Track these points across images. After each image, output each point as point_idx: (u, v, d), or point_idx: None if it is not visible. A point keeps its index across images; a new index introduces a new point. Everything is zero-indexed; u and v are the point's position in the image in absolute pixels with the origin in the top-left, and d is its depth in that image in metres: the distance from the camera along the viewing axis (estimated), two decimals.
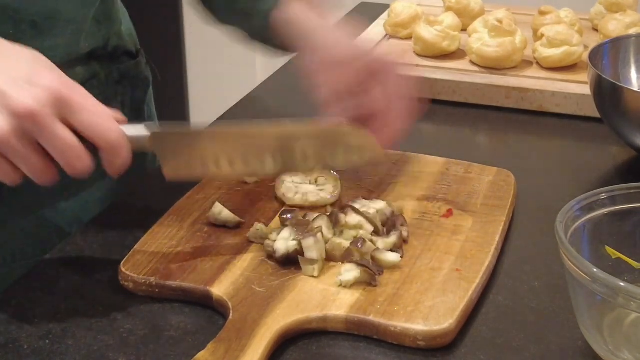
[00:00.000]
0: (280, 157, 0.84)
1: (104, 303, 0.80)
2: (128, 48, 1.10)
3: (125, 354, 0.74)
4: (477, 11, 1.43)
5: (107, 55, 1.05)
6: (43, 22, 0.93)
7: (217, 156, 0.82)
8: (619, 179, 1.02)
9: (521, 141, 1.16)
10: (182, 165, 0.82)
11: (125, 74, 1.09)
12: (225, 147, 0.82)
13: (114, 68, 1.07)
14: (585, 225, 0.77)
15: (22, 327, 0.77)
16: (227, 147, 0.82)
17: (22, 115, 0.71)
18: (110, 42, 1.05)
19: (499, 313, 0.79)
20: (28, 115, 0.71)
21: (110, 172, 0.78)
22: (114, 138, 0.75)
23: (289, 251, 0.82)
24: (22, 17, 0.91)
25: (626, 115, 1.02)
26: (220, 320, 0.77)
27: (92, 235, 0.91)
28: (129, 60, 1.10)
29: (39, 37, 0.91)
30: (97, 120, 0.74)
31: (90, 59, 1.02)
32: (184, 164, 0.82)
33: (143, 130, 0.79)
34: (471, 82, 1.23)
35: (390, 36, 1.42)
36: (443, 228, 0.89)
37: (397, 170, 1.00)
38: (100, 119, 0.75)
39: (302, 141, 0.84)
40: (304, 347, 0.75)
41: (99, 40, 1.03)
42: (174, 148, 0.81)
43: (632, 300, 0.66)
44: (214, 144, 0.82)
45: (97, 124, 0.74)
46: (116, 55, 1.07)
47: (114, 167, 0.77)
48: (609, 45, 1.13)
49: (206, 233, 0.88)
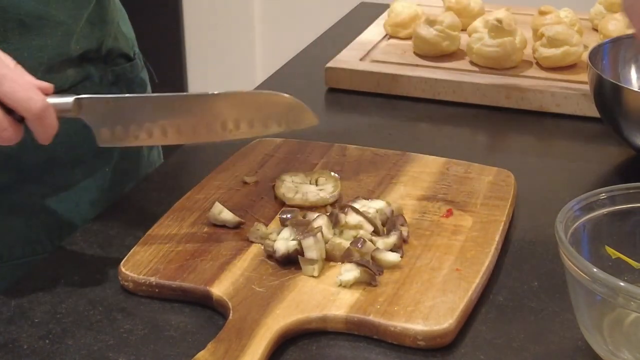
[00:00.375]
0: (209, 125, 0.85)
1: (104, 303, 0.81)
2: (123, 50, 1.09)
3: (125, 354, 0.74)
4: (476, 11, 1.43)
5: (100, 58, 1.04)
6: (32, 22, 0.92)
7: (147, 123, 0.84)
8: (619, 179, 1.02)
9: (521, 141, 1.16)
10: (114, 132, 0.84)
11: (120, 76, 1.08)
12: (154, 114, 0.85)
13: (109, 70, 1.06)
14: (585, 225, 0.77)
15: (21, 327, 0.77)
16: (156, 114, 0.85)
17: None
18: (104, 44, 1.04)
19: (499, 313, 0.79)
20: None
21: (38, 139, 0.81)
22: (36, 107, 0.78)
23: (289, 251, 0.82)
24: (10, 15, 0.91)
25: (626, 115, 1.02)
26: (220, 320, 0.77)
27: (92, 235, 0.91)
28: (124, 62, 1.09)
29: (26, 36, 0.90)
30: (19, 90, 0.78)
31: (83, 60, 1.01)
32: (116, 131, 0.84)
33: (68, 98, 0.82)
34: (471, 82, 1.23)
35: (390, 36, 1.42)
36: (443, 228, 0.89)
37: (397, 170, 1.00)
38: (22, 90, 0.78)
39: (232, 109, 0.85)
40: (304, 347, 0.75)
41: (92, 42, 1.02)
42: (103, 115, 0.84)
43: (632, 300, 0.66)
44: (142, 111, 0.85)
45: (19, 94, 0.77)
46: (111, 57, 1.06)
47: (41, 134, 0.80)
48: (609, 45, 1.13)
49: (206, 233, 0.88)
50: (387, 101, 1.25)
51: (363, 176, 0.98)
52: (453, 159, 1.02)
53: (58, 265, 0.86)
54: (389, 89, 1.26)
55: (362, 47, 1.36)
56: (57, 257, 0.87)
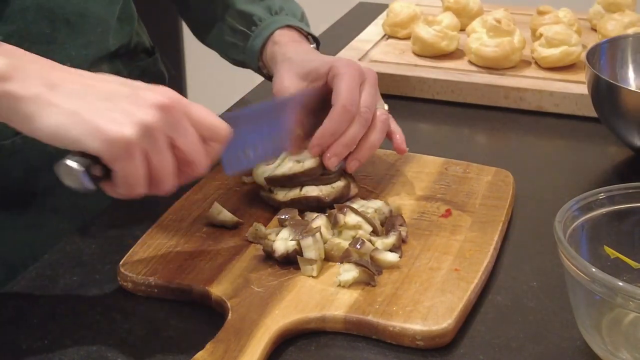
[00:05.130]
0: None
1: (103, 303, 0.81)
2: (145, 45, 1.14)
3: (124, 354, 0.74)
4: (475, 11, 1.43)
5: (129, 53, 1.09)
6: (76, 19, 0.96)
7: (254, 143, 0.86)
8: (618, 179, 1.02)
9: (520, 141, 1.16)
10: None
11: (145, 71, 1.12)
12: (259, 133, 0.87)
13: (135, 65, 1.10)
14: (584, 225, 0.77)
15: (20, 327, 0.77)
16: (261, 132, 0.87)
17: (161, 107, 0.72)
18: (132, 39, 1.09)
19: (498, 313, 0.79)
20: (164, 107, 0.72)
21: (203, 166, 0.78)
22: (226, 130, 0.77)
23: (288, 251, 0.82)
24: (57, 15, 0.94)
25: (624, 115, 1.02)
26: (219, 320, 0.77)
27: (91, 236, 0.91)
28: (146, 57, 1.14)
29: (72, 35, 0.93)
30: (206, 115, 0.76)
31: (115, 57, 1.05)
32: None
33: None
34: (470, 82, 1.23)
35: (388, 36, 1.42)
36: (442, 228, 0.89)
37: (395, 170, 1.00)
38: (209, 114, 0.76)
39: None
40: (303, 347, 0.75)
41: (124, 37, 1.06)
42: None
43: (631, 300, 0.66)
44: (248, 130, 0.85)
45: (209, 119, 0.76)
46: (136, 52, 1.11)
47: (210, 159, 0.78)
48: (606, 45, 1.13)
49: (205, 233, 0.88)
50: (386, 101, 1.24)
51: (362, 176, 0.98)
52: (452, 159, 1.02)
53: (57, 266, 0.86)
54: (388, 89, 1.26)
55: (360, 47, 1.36)
56: (56, 258, 0.87)
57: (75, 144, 0.70)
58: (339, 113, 0.89)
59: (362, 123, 0.91)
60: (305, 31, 1.08)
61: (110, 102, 0.71)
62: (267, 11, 1.08)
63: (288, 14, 1.08)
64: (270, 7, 1.08)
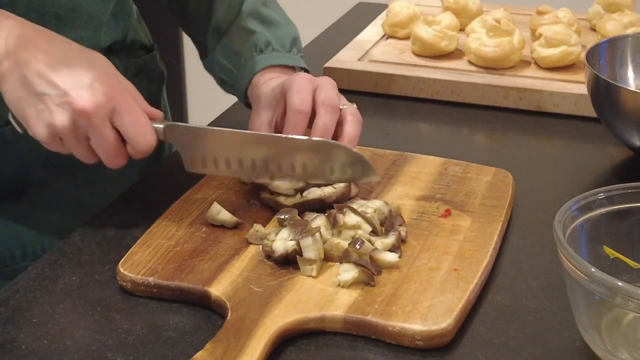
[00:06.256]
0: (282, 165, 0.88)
1: (102, 303, 0.81)
2: (143, 42, 1.14)
3: (124, 354, 0.74)
4: (475, 11, 1.43)
5: (125, 49, 1.09)
6: (66, 15, 0.97)
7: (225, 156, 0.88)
8: (617, 179, 1.03)
9: (519, 141, 1.16)
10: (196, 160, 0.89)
11: (142, 68, 1.12)
12: (231, 148, 0.88)
13: (131, 62, 1.10)
14: (583, 225, 0.77)
15: (20, 327, 0.77)
16: (233, 149, 0.88)
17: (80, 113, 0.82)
18: (127, 36, 1.09)
19: (497, 313, 0.79)
20: (83, 114, 0.82)
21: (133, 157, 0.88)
22: (148, 146, 0.85)
23: (287, 251, 0.82)
24: (47, 9, 0.96)
25: (623, 115, 1.02)
26: (219, 320, 0.77)
27: (91, 235, 0.91)
28: (145, 54, 1.14)
29: (63, 30, 0.93)
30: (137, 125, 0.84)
31: (110, 53, 1.05)
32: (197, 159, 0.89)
33: (160, 124, 0.88)
34: (469, 82, 1.23)
35: (388, 36, 1.42)
36: (441, 228, 0.89)
37: (395, 170, 1.00)
38: (141, 125, 0.84)
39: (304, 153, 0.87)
40: (302, 347, 0.75)
41: (118, 33, 1.06)
42: (187, 142, 0.89)
43: (630, 300, 0.66)
44: (222, 144, 0.88)
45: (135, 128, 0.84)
46: (133, 49, 1.11)
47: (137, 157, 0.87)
48: (606, 45, 1.13)
49: (204, 233, 0.88)
50: (386, 101, 1.25)
51: None
52: (451, 159, 1.02)
53: (56, 266, 0.86)
54: (387, 89, 1.26)
55: (360, 47, 1.36)
56: (55, 257, 0.87)
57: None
58: (291, 115, 0.90)
59: (327, 110, 0.90)
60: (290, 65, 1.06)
61: (40, 99, 0.82)
62: (253, 48, 1.05)
63: (275, 48, 1.06)
64: (257, 43, 1.06)
